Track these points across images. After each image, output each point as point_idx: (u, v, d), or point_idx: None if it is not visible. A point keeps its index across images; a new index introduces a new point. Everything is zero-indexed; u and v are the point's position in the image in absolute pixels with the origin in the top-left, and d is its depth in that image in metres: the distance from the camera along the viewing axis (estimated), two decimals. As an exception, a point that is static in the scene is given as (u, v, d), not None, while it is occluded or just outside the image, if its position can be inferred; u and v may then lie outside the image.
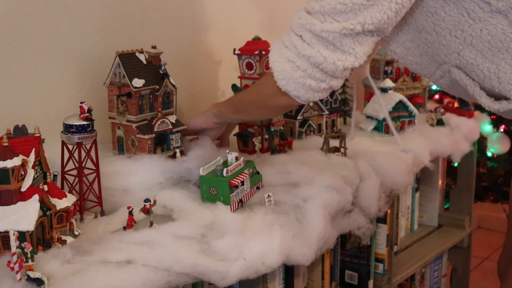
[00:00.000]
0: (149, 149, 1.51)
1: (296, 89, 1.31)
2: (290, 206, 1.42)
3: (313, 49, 1.25)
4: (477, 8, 1.25)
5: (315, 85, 1.29)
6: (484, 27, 1.26)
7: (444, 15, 1.27)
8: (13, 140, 1.16)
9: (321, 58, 1.25)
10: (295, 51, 1.28)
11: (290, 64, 1.29)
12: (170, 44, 1.79)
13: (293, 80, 1.29)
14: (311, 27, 1.25)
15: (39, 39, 1.53)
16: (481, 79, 1.30)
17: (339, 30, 1.23)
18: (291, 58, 1.29)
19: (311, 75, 1.28)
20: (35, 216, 1.11)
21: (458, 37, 1.29)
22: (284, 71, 1.30)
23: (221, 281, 1.19)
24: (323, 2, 1.25)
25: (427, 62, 1.34)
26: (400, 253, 2.18)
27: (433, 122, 2.21)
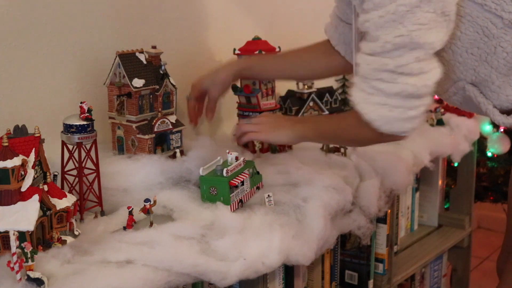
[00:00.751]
0: (149, 149, 1.51)
1: (401, 127, 1.29)
2: (290, 206, 1.42)
3: (399, 84, 1.25)
4: (491, 25, 1.27)
5: (416, 113, 1.28)
6: (498, 44, 1.28)
7: (460, 34, 1.29)
8: (13, 140, 1.16)
9: (412, 87, 1.24)
10: (382, 94, 1.27)
11: (385, 108, 1.27)
12: (170, 44, 1.79)
13: (395, 119, 1.28)
14: (385, 67, 1.24)
15: (39, 39, 1.53)
16: (496, 94, 1.33)
17: (413, 60, 1.23)
18: (382, 102, 1.27)
19: (408, 107, 1.27)
20: (35, 216, 1.11)
21: (474, 54, 1.31)
22: (383, 116, 1.28)
23: (221, 281, 1.19)
24: (380, 42, 1.24)
25: (442, 79, 1.36)
26: (400, 253, 2.18)
27: (433, 122, 2.21)
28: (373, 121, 1.29)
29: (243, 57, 1.73)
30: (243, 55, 1.76)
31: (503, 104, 1.35)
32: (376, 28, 1.24)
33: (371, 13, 1.24)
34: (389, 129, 1.29)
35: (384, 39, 1.23)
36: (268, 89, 1.78)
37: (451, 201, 2.52)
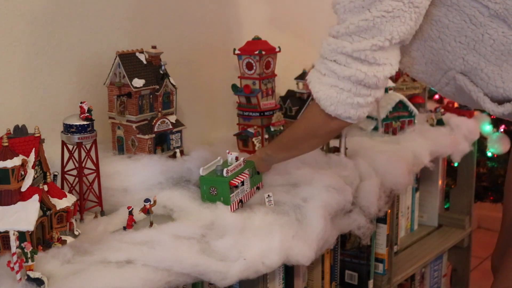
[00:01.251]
0: (149, 149, 1.51)
1: (346, 111, 1.32)
2: (290, 206, 1.42)
3: (351, 68, 1.28)
4: (478, 13, 1.29)
5: (362, 101, 1.31)
6: (485, 32, 1.30)
7: (447, 23, 1.31)
8: (13, 140, 1.16)
9: (362, 74, 1.27)
10: (335, 75, 1.30)
11: (334, 89, 1.31)
12: (170, 44, 1.79)
13: (341, 102, 1.31)
14: (343, 49, 1.28)
15: (39, 39, 1.53)
16: (485, 83, 1.34)
17: (369, 47, 1.26)
18: (333, 83, 1.31)
19: (356, 93, 1.30)
20: (35, 216, 1.11)
21: (462, 43, 1.33)
22: (330, 97, 1.31)
23: (221, 281, 1.19)
24: (346, 23, 1.28)
25: (433, 70, 1.38)
26: (400, 253, 2.18)
27: (433, 122, 2.21)
28: (321, 99, 1.32)
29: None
30: (243, 55, 1.76)
31: (493, 94, 1.36)
32: (344, 11, 1.28)
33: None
34: (334, 110, 1.32)
35: (350, 21, 1.27)
36: (268, 89, 1.78)
37: (451, 201, 2.52)
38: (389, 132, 2.05)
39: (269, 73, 1.77)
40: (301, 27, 2.31)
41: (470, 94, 1.38)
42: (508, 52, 1.28)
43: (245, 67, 1.77)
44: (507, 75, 1.29)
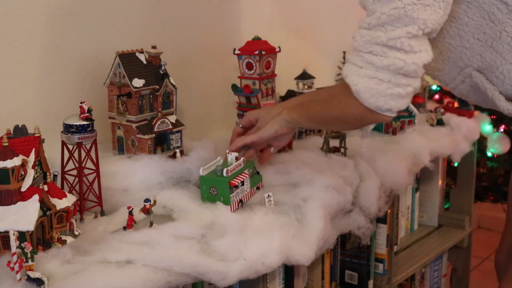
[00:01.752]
0: (149, 149, 1.51)
1: (386, 102, 1.29)
2: (290, 206, 1.42)
3: (389, 58, 1.26)
4: (496, 10, 1.30)
5: (403, 91, 1.29)
6: (503, 29, 1.31)
7: (467, 20, 1.32)
8: (13, 140, 1.16)
9: (400, 62, 1.26)
10: (372, 67, 1.28)
11: (373, 80, 1.28)
12: (170, 44, 1.79)
13: (381, 94, 1.28)
14: (377, 39, 1.26)
15: (39, 39, 1.53)
16: (500, 81, 1.35)
17: (404, 35, 1.25)
18: (371, 75, 1.28)
19: (396, 83, 1.28)
20: (35, 216, 1.11)
21: (481, 40, 1.34)
22: (370, 88, 1.29)
23: (221, 281, 1.19)
24: (376, 14, 1.26)
25: (449, 67, 1.38)
26: (400, 253, 2.18)
27: (433, 122, 2.21)
28: (360, 92, 1.30)
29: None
30: (243, 55, 1.76)
31: (508, 92, 1.37)
32: (373, 1, 1.27)
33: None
34: (374, 103, 1.30)
35: (380, 11, 1.26)
36: (268, 89, 1.78)
37: (451, 201, 2.52)
38: (389, 132, 2.05)
39: (269, 73, 1.77)
40: (301, 27, 2.31)
41: (485, 92, 1.38)
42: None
43: (245, 67, 1.77)
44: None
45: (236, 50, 1.77)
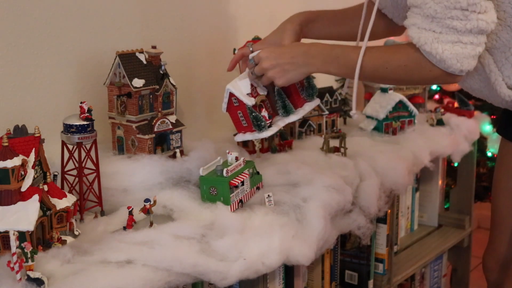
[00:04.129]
0: (149, 149, 1.51)
1: (469, 64, 1.31)
2: (290, 206, 1.42)
3: (471, 20, 1.27)
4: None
5: (481, 49, 1.31)
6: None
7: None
8: (13, 140, 1.16)
9: (483, 23, 1.27)
10: (454, 31, 1.28)
11: (458, 45, 1.29)
12: (170, 44, 1.79)
13: (466, 57, 1.29)
14: (456, 4, 1.26)
15: (39, 39, 1.53)
16: (509, 62, 1.37)
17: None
18: (454, 40, 1.29)
19: (477, 43, 1.29)
20: (35, 216, 1.11)
21: (500, 18, 1.35)
22: (456, 54, 1.29)
23: (221, 281, 1.19)
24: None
25: None
26: (400, 253, 2.18)
27: (433, 122, 2.21)
28: (447, 59, 1.30)
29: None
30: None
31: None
32: None
33: None
34: (460, 67, 1.30)
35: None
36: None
37: (451, 201, 2.52)
38: (389, 132, 2.05)
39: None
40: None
41: (489, 74, 1.40)
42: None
43: (244, 67, 1.76)
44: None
45: (236, 50, 1.77)
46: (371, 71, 1.38)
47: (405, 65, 1.36)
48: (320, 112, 1.98)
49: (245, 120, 1.43)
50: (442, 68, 1.31)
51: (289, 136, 1.92)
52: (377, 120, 2.06)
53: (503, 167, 1.70)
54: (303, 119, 1.93)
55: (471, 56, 1.30)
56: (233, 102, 1.45)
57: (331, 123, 2.03)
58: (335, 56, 1.40)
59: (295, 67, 1.39)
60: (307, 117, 1.95)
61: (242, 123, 1.44)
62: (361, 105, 2.33)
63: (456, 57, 1.29)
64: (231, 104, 1.45)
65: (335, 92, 2.06)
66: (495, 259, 1.76)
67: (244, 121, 1.44)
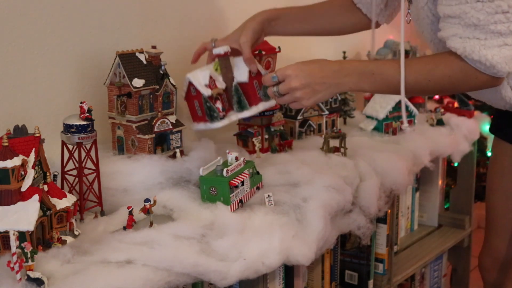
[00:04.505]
0: (149, 149, 1.51)
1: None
2: (290, 206, 1.42)
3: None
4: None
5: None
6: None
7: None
8: (13, 140, 1.16)
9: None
10: (498, 35, 1.29)
11: (505, 48, 1.29)
12: (170, 44, 1.79)
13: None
14: (498, 9, 1.27)
15: (39, 39, 1.53)
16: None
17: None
18: (500, 44, 1.29)
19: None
20: (35, 216, 1.11)
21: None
22: (505, 56, 1.29)
23: (221, 281, 1.19)
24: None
25: None
26: (400, 253, 2.18)
27: (433, 122, 2.21)
28: (497, 64, 1.30)
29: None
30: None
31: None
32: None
33: None
34: (508, 69, 1.31)
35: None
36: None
37: (451, 201, 2.52)
38: (389, 132, 2.05)
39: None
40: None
41: None
42: None
43: (245, 66, 1.77)
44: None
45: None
46: (412, 85, 1.37)
47: (449, 76, 1.36)
48: (320, 112, 1.98)
49: (200, 110, 1.49)
50: (491, 74, 1.31)
51: (289, 136, 1.92)
52: (377, 120, 2.06)
53: (496, 166, 1.70)
54: (303, 119, 1.94)
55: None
56: (191, 91, 1.50)
57: (331, 123, 2.03)
58: (370, 73, 1.36)
59: (326, 87, 1.34)
60: (307, 117, 1.95)
61: (198, 112, 1.50)
62: (361, 105, 2.33)
63: (504, 60, 1.29)
64: (190, 93, 1.51)
65: (335, 92, 2.06)
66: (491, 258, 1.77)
67: (199, 110, 1.50)
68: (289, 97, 1.35)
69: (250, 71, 1.50)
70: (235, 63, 1.55)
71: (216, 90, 1.48)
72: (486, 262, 1.80)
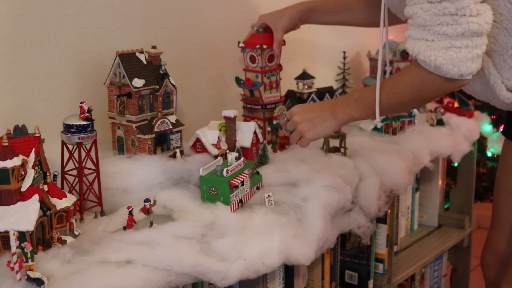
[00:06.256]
0: (149, 149, 1.51)
1: (468, 67, 1.30)
2: (290, 206, 1.42)
3: (462, 24, 1.27)
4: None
5: (479, 51, 1.30)
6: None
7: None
8: (13, 140, 1.16)
9: (475, 25, 1.26)
10: (446, 37, 1.28)
11: (451, 50, 1.29)
12: (170, 44, 1.79)
13: (462, 60, 1.29)
14: (445, 11, 1.26)
15: (39, 39, 1.53)
16: (508, 65, 1.38)
17: (473, 2, 1.25)
18: (446, 45, 1.29)
19: (473, 46, 1.29)
20: (35, 216, 1.11)
21: (496, 21, 1.35)
22: (451, 59, 1.29)
23: (221, 281, 1.19)
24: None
25: None
26: (400, 253, 2.18)
27: (433, 122, 2.21)
28: (442, 66, 1.29)
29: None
30: (247, 48, 1.78)
31: (511, 80, 1.39)
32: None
33: None
34: (457, 71, 1.30)
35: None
36: (272, 82, 1.79)
37: (451, 201, 2.52)
38: (389, 132, 2.05)
39: (273, 66, 1.78)
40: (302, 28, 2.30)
41: (488, 77, 1.40)
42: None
43: (248, 60, 1.78)
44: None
45: (240, 43, 1.79)
46: (384, 103, 1.40)
47: (410, 83, 1.38)
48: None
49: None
50: (441, 75, 1.31)
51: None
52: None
53: (505, 168, 1.71)
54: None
55: (468, 59, 1.29)
56: (197, 147, 1.61)
57: (331, 123, 2.03)
58: (354, 100, 1.45)
59: (323, 120, 1.44)
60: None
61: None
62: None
63: (451, 62, 1.29)
64: (195, 148, 1.63)
65: (335, 92, 2.06)
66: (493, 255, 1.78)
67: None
68: (295, 133, 1.46)
69: (252, 137, 1.65)
70: (240, 128, 1.66)
71: (221, 151, 1.60)
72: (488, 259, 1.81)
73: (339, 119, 1.45)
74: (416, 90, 1.37)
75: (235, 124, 1.65)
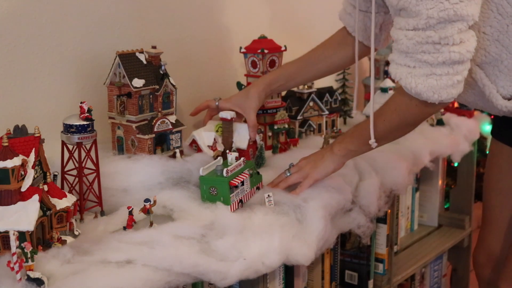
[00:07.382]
0: (149, 149, 1.51)
1: (448, 93, 1.31)
2: (290, 206, 1.42)
3: (443, 53, 1.27)
4: (506, 3, 1.32)
5: (461, 77, 1.30)
6: (510, 23, 1.33)
7: None
8: (13, 140, 1.16)
9: (456, 55, 1.26)
10: (427, 65, 1.29)
11: (432, 77, 1.29)
12: (170, 44, 1.79)
13: (443, 87, 1.29)
14: (428, 39, 1.27)
15: (39, 39, 1.53)
16: (503, 74, 1.38)
17: (456, 32, 1.25)
18: (427, 73, 1.29)
19: (454, 73, 1.29)
20: (35, 216, 1.11)
21: (487, 33, 1.35)
22: (431, 86, 1.29)
23: (221, 281, 1.19)
24: (423, 17, 1.25)
25: None
26: (400, 253, 2.18)
27: (433, 122, 2.21)
28: (422, 93, 1.30)
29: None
30: (248, 54, 1.79)
31: (507, 89, 1.39)
32: (416, 3, 1.26)
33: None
34: (438, 98, 1.31)
35: (427, 14, 1.25)
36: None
37: (451, 201, 2.52)
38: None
39: (274, 71, 1.78)
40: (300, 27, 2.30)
41: (482, 89, 1.40)
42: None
43: (250, 65, 1.79)
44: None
45: (242, 49, 1.79)
46: (376, 131, 1.43)
47: (395, 109, 1.40)
48: (320, 112, 1.98)
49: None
50: (423, 100, 1.32)
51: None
52: (377, 120, 2.06)
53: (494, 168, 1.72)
54: (303, 119, 1.94)
55: (448, 86, 1.29)
56: (192, 148, 1.61)
57: (331, 123, 2.03)
58: (350, 134, 1.52)
59: (324, 159, 1.51)
60: (307, 117, 1.95)
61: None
62: (361, 105, 2.33)
63: (431, 89, 1.30)
64: (191, 148, 1.64)
65: (335, 92, 2.06)
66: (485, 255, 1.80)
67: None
68: (299, 173, 1.52)
69: (249, 139, 1.65)
70: (237, 129, 1.66)
71: (217, 152, 1.61)
72: (480, 258, 1.83)
73: (337, 154, 1.50)
74: (402, 115, 1.40)
75: (232, 125, 1.66)
